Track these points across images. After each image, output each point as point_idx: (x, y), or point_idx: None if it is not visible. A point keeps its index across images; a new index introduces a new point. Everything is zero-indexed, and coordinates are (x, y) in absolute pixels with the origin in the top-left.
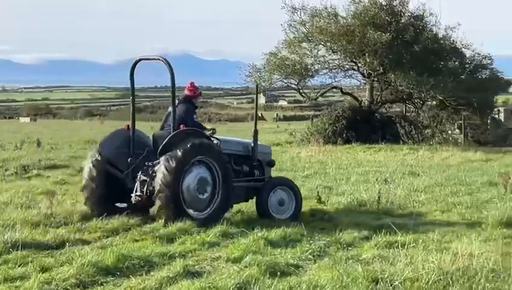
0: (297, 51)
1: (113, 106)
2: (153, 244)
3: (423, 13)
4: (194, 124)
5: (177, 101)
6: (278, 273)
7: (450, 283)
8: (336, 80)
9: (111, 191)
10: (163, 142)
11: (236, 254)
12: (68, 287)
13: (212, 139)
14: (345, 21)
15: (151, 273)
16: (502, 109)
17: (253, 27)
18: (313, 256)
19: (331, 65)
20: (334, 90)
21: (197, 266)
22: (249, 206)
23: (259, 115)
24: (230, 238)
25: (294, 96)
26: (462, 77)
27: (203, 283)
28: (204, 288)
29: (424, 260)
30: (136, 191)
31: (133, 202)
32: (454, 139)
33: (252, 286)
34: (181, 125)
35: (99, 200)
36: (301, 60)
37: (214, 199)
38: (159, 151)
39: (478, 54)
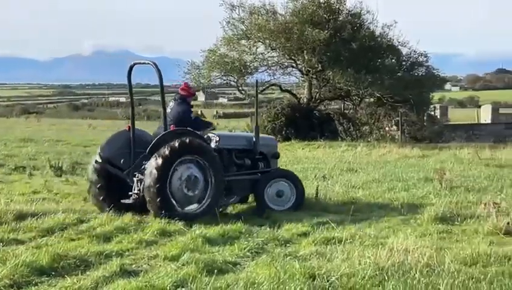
0: (236, 48)
1: (50, 103)
2: (89, 243)
3: (360, 11)
4: (192, 123)
5: (172, 102)
6: (215, 271)
7: (386, 278)
8: (275, 77)
9: (116, 190)
10: (153, 142)
11: (174, 252)
12: (1, 287)
13: (213, 135)
14: (283, 18)
15: (87, 272)
16: (437, 106)
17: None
18: (251, 253)
19: (270, 62)
20: (274, 87)
21: (134, 265)
22: None
23: (199, 112)
24: (168, 237)
25: (234, 93)
26: (399, 74)
27: (140, 282)
28: (140, 287)
29: (360, 255)
30: (133, 190)
31: (131, 200)
32: (392, 136)
33: (189, 284)
34: (171, 126)
35: (103, 199)
36: (240, 57)
37: (206, 196)
38: (148, 150)
39: (414, 51)
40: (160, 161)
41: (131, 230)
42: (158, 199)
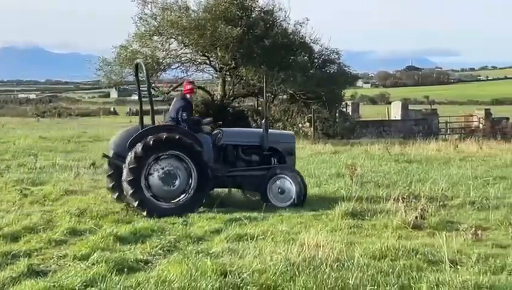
0: (148, 45)
1: None
2: None
3: (273, 8)
4: (184, 120)
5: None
6: (126, 269)
7: (297, 273)
8: (188, 74)
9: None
10: (132, 137)
11: (83, 251)
12: None
13: (219, 131)
14: (196, 15)
15: None
16: (349, 103)
17: (108, 20)
18: (163, 251)
19: (183, 59)
20: None
21: (42, 265)
22: (99, 203)
23: (112, 109)
24: (78, 236)
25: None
26: (312, 71)
27: (48, 282)
28: (48, 287)
29: (272, 251)
30: None
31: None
32: (305, 132)
33: (99, 284)
34: (158, 122)
35: (112, 188)
36: (153, 54)
37: (187, 190)
38: (127, 144)
39: (326, 48)
40: (133, 155)
41: (40, 230)
42: (130, 193)
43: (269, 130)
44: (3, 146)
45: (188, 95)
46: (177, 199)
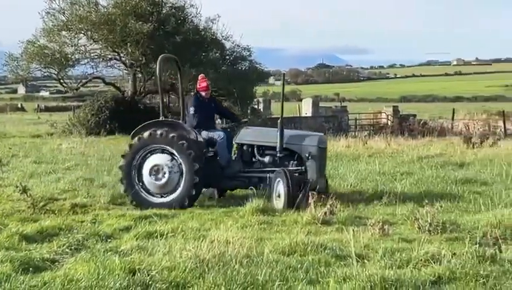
0: (56, 40)
1: None
2: None
3: (184, 4)
4: (191, 116)
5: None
6: (32, 269)
7: (206, 270)
8: (98, 70)
9: None
10: (135, 129)
11: None
12: None
13: (237, 128)
14: (106, 10)
15: None
16: (261, 100)
17: (15, 15)
18: (70, 249)
19: (92, 55)
20: (97, 80)
21: None
22: (4, 201)
23: (19, 105)
24: None
25: (57, 86)
26: (223, 68)
27: None
28: None
29: (182, 248)
30: None
31: None
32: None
33: (3, 284)
34: (161, 117)
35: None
36: (61, 49)
37: (177, 185)
38: (131, 135)
39: (238, 45)
40: (128, 148)
41: None
42: (124, 183)
43: (294, 131)
44: None
45: (202, 93)
46: (166, 194)
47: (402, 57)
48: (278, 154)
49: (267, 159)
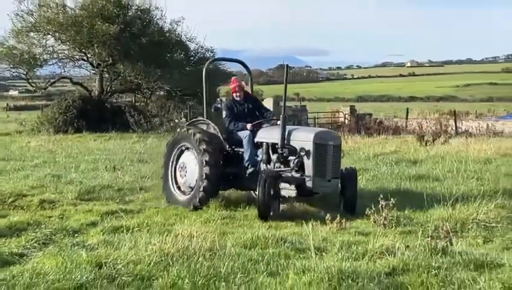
0: (25, 41)
1: None
2: None
3: (149, 7)
4: (223, 120)
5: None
6: (0, 263)
7: (171, 263)
8: (66, 70)
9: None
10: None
11: None
12: None
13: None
14: (73, 12)
15: None
16: (224, 99)
17: None
18: (39, 244)
19: (60, 55)
20: (65, 80)
21: None
22: None
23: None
24: None
25: (26, 86)
26: (188, 68)
27: None
28: None
29: (147, 242)
30: None
31: None
32: (181, 127)
33: None
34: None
35: None
36: (29, 50)
37: (197, 183)
38: None
39: (202, 47)
40: (165, 147)
41: None
42: (162, 182)
43: (299, 127)
44: None
45: (234, 94)
46: (189, 192)
47: (359, 59)
48: (280, 152)
49: (275, 157)
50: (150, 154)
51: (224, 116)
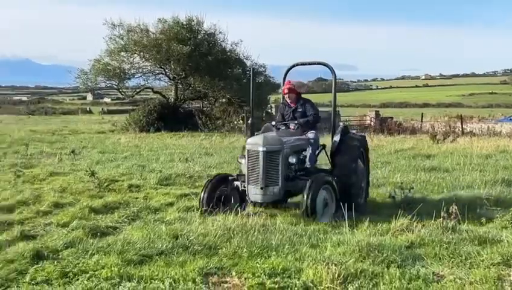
0: (117, 58)
1: None
2: None
3: (214, 31)
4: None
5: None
6: (99, 234)
7: (232, 235)
8: (149, 81)
9: None
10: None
11: (65, 220)
12: None
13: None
14: (154, 36)
15: None
16: (273, 105)
17: (82, 36)
18: (128, 219)
19: (144, 70)
20: (148, 89)
21: (32, 231)
22: (77, 182)
23: (87, 109)
24: (60, 208)
25: (117, 94)
26: (244, 81)
27: (37, 244)
28: (37, 248)
29: (213, 219)
30: None
31: None
32: (239, 128)
33: (77, 245)
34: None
35: None
36: (120, 66)
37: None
38: None
39: (256, 63)
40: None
41: (30, 203)
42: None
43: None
44: (1, 137)
45: (285, 97)
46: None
47: (382, 73)
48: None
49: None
50: (214, 149)
51: (277, 117)
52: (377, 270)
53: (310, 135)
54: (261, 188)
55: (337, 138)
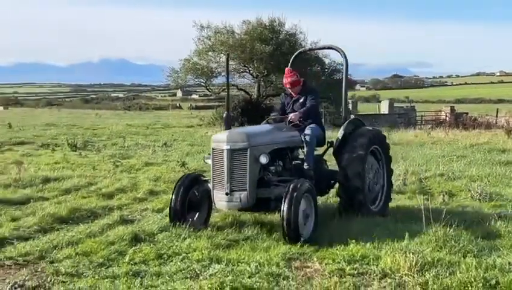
0: (204, 58)
1: (67, 98)
2: (97, 200)
3: (295, 32)
4: None
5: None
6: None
7: None
8: (233, 79)
9: None
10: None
11: (159, 206)
12: (32, 232)
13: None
14: (239, 36)
15: (95, 221)
16: (350, 101)
17: (172, 38)
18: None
19: (229, 69)
20: (233, 87)
21: (130, 216)
22: (169, 172)
23: (177, 105)
24: (155, 195)
25: (204, 91)
26: (323, 78)
27: (135, 227)
28: (135, 231)
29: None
30: None
31: None
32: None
33: (171, 229)
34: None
35: None
36: (208, 65)
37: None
38: None
39: (334, 61)
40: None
41: (128, 190)
42: None
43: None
44: (101, 131)
45: (287, 87)
46: None
47: (458, 69)
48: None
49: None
50: None
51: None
52: (454, 260)
53: (307, 130)
54: (226, 194)
55: (340, 133)
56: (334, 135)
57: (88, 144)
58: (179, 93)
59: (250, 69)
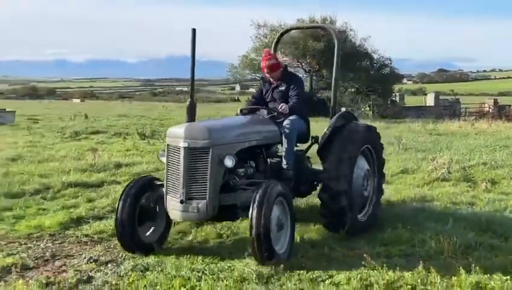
0: (261, 54)
1: (137, 91)
2: None
3: (346, 29)
4: None
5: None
6: None
7: None
8: None
9: None
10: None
11: None
12: (106, 212)
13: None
14: (293, 34)
15: None
16: (397, 94)
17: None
18: None
19: (284, 63)
20: None
21: None
22: None
23: (236, 98)
24: None
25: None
26: (372, 72)
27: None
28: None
29: None
30: None
31: None
32: (366, 114)
33: None
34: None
35: None
36: None
37: None
38: None
39: (382, 56)
40: None
41: None
42: None
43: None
44: (167, 121)
45: (265, 71)
46: None
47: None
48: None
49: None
50: None
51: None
52: (496, 243)
53: (286, 123)
54: (181, 202)
55: (328, 129)
56: (381, 125)
57: (155, 133)
58: (237, 88)
59: (303, 64)
